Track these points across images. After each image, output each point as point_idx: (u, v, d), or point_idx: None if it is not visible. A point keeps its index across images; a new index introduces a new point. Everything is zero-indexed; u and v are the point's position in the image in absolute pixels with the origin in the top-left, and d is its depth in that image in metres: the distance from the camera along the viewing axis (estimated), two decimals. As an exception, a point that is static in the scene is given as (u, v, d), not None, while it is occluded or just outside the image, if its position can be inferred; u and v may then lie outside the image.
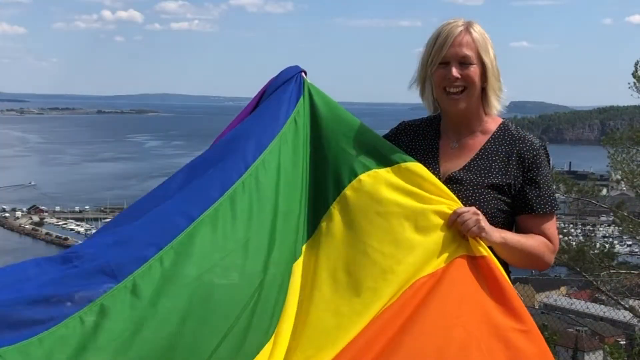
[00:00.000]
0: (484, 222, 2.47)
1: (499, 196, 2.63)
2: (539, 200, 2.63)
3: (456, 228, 2.46)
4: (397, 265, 2.40)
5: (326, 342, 2.34)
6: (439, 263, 2.42)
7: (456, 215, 2.45)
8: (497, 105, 2.74)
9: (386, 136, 2.91)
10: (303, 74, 2.80)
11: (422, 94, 2.80)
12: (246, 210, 2.43)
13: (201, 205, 2.38)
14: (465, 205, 2.54)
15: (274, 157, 2.56)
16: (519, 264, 2.66)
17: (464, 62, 2.65)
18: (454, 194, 2.57)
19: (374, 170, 2.57)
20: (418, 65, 2.79)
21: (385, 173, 2.56)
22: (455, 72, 2.64)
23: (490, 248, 2.52)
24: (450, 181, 2.65)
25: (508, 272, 2.62)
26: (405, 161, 2.57)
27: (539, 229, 2.64)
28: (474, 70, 2.65)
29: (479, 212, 2.48)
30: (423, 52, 2.75)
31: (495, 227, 2.55)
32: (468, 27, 2.68)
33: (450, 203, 2.50)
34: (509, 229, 2.66)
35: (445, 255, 2.44)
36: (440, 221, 2.46)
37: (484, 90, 2.70)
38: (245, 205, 2.43)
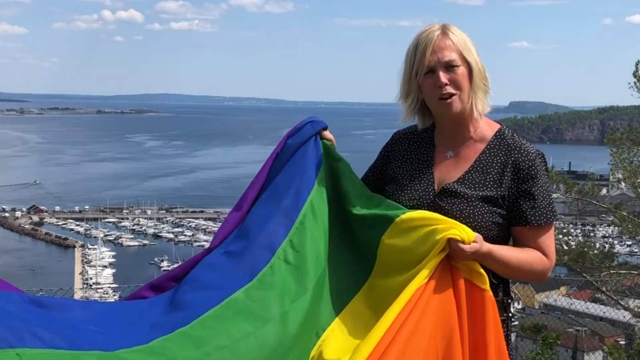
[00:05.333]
0: (473, 255, 2.44)
1: (494, 209, 2.58)
2: (533, 212, 2.57)
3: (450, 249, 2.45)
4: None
5: None
6: (428, 276, 2.43)
7: (457, 248, 2.41)
8: (487, 101, 2.66)
9: (383, 150, 2.89)
10: (322, 131, 2.80)
11: (407, 108, 2.72)
12: (278, 289, 2.44)
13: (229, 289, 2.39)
14: (459, 218, 2.51)
15: (302, 234, 2.58)
16: (509, 276, 2.62)
17: (449, 66, 2.57)
18: (449, 207, 2.55)
19: (381, 239, 2.57)
20: (400, 81, 2.70)
21: (387, 239, 2.55)
22: (443, 77, 2.56)
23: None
24: (444, 193, 2.61)
25: (500, 279, 2.61)
26: (402, 213, 2.54)
27: (534, 241, 2.58)
28: (462, 72, 2.58)
29: (475, 250, 2.44)
30: (403, 66, 2.67)
31: (490, 240, 2.53)
32: (445, 30, 2.60)
33: (459, 231, 2.45)
34: (505, 241, 2.62)
35: (433, 269, 2.44)
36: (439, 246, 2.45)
37: (473, 90, 2.62)
38: (276, 285, 2.45)
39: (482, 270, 2.45)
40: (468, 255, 2.42)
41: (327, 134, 2.81)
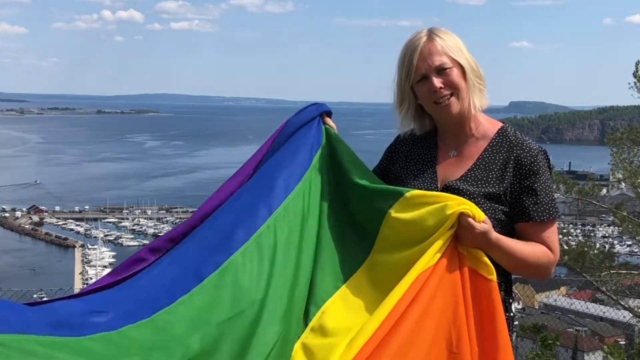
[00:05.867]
0: (481, 235, 2.43)
1: (496, 205, 2.58)
2: (536, 208, 2.57)
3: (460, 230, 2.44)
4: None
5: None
6: (434, 259, 2.42)
7: (467, 223, 2.41)
8: (484, 97, 2.68)
9: (387, 151, 2.92)
10: (325, 116, 2.84)
11: (402, 115, 2.75)
12: (272, 251, 2.45)
13: (227, 250, 2.40)
14: None
15: (297, 202, 2.60)
16: (515, 270, 2.62)
17: (441, 70, 2.59)
18: None
19: (388, 212, 2.56)
20: (393, 89, 2.73)
21: (395, 212, 2.54)
22: (436, 82, 2.59)
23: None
24: (447, 191, 2.61)
25: (505, 275, 2.61)
26: (407, 191, 2.55)
27: (538, 236, 2.58)
28: (455, 73, 2.60)
29: (485, 230, 2.42)
30: (395, 76, 2.71)
31: None
32: (430, 34, 2.62)
33: (470, 207, 2.44)
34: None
35: (441, 249, 2.43)
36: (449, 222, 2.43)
37: (469, 88, 2.64)
38: (271, 246, 2.46)
39: (488, 261, 2.44)
40: (477, 233, 2.40)
41: (330, 120, 2.86)
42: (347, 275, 2.61)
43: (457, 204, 2.42)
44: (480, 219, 2.42)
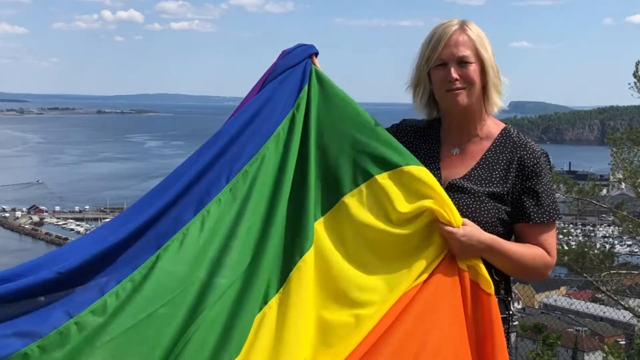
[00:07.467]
0: (467, 238, 2.45)
1: (500, 205, 2.58)
2: (536, 209, 2.57)
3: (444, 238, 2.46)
4: (384, 281, 2.42)
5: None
6: (426, 272, 2.42)
7: (446, 232, 2.44)
8: (498, 101, 2.67)
9: (388, 130, 2.83)
10: (314, 57, 2.74)
11: (415, 97, 2.73)
12: (214, 230, 2.39)
13: (172, 229, 2.36)
14: (466, 214, 2.51)
15: (258, 165, 2.50)
16: (510, 272, 2.62)
17: (462, 62, 2.59)
18: (455, 202, 2.52)
19: (374, 177, 2.51)
20: (412, 67, 2.72)
21: (382, 180, 2.49)
22: (454, 72, 2.58)
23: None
24: (451, 189, 2.60)
25: (501, 276, 2.61)
26: (408, 164, 2.50)
27: (536, 238, 2.59)
28: (474, 69, 2.60)
29: (466, 233, 2.45)
30: (417, 54, 2.69)
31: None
32: (463, 25, 2.62)
33: (446, 212, 2.43)
34: (509, 238, 2.62)
35: (432, 265, 2.43)
36: (430, 231, 2.45)
37: (484, 88, 2.64)
38: (216, 224, 2.40)
39: (487, 274, 2.44)
40: (459, 238, 2.42)
41: (317, 61, 2.77)
42: (309, 234, 2.46)
43: (439, 204, 2.42)
44: (459, 224, 2.43)
